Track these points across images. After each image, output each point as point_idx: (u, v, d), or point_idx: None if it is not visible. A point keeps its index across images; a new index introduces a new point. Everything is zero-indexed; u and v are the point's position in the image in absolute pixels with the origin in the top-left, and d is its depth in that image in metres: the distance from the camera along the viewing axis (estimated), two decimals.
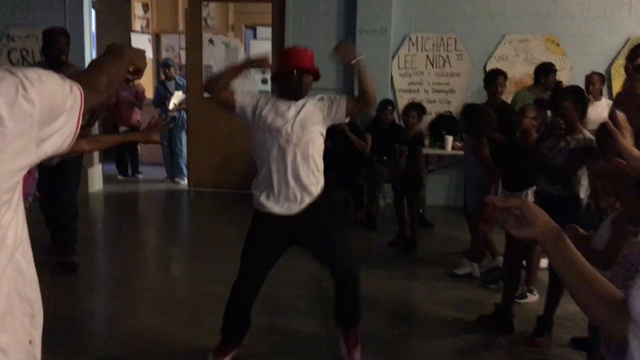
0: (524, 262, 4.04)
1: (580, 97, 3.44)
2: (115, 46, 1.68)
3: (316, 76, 3.05)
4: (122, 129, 7.83)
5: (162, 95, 7.85)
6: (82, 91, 1.35)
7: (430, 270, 4.80)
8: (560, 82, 5.02)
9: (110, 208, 7.02)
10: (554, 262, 1.26)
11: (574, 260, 1.25)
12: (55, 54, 4.40)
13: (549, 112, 4.24)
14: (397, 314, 4.08)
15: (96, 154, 7.42)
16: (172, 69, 7.95)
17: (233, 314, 3.13)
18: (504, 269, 3.83)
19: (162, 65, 8.21)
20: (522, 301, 4.00)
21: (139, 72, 1.74)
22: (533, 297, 4.09)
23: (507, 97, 5.91)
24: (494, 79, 5.25)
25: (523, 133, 3.93)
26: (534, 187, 3.97)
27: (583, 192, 3.50)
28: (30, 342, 1.36)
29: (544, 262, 4.43)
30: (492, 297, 4.15)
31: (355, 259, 3.40)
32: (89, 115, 4.18)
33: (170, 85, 7.90)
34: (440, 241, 5.65)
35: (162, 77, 8.14)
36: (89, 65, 1.65)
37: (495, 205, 1.30)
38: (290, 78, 2.95)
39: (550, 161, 3.47)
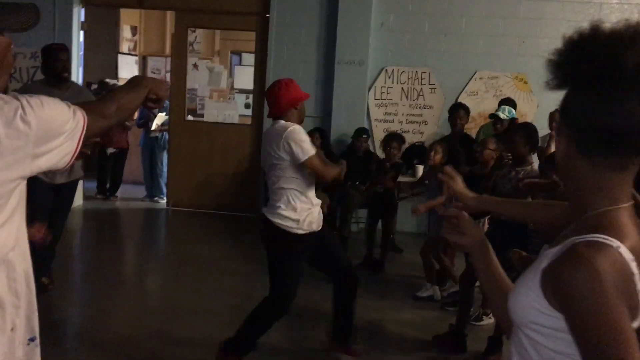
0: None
1: (530, 133, 3.73)
2: (136, 77, 1.89)
3: None
4: (110, 150, 7.99)
5: (145, 116, 8.06)
6: (85, 117, 1.58)
7: (396, 292, 5.02)
8: (515, 119, 5.37)
9: (88, 224, 7.16)
10: (478, 270, 1.41)
11: (493, 271, 1.39)
12: (58, 70, 4.28)
13: None
14: (362, 331, 4.27)
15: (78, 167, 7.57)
16: None
17: (261, 332, 3.34)
18: (459, 290, 4.05)
19: None
20: (477, 324, 4.22)
21: (160, 101, 1.88)
22: (489, 320, 4.31)
23: (474, 131, 6.23)
24: (455, 111, 5.60)
25: (482, 163, 4.20)
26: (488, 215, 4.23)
27: None
28: (12, 329, 1.55)
29: None
30: (450, 319, 4.37)
31: None
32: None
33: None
34: (407, 265, 5.87)
35: None
36: (105, 94, 1.93)
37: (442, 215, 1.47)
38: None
39: (501, 189, 3.73)
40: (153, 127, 7.94)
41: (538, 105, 6.88)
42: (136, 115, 8.48)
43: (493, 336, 3.74)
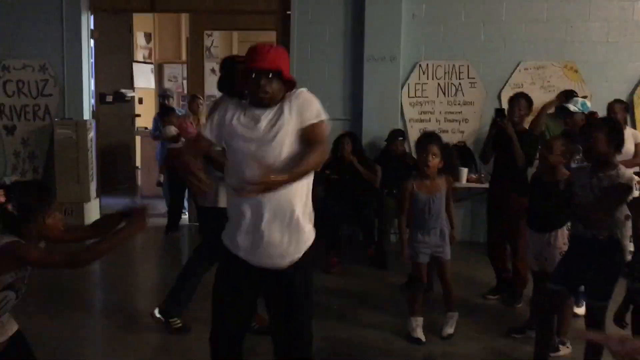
0: None
1: (615, 129, 3.10)
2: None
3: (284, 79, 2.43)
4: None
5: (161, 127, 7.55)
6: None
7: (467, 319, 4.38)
8: (594, 112, 4.64)
9: None
10: None
11: None
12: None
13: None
14: None
15: (93, 187, 7.12)
16: (170, 100, 7.68)
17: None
18: (536, 319, 3.43)
19: (161, 96, 7.95)
20: (554, 355, 3.59)
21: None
22: (566, 350, 3.69)
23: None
24: (515, 101, 4.82)
25: (550, 168, 3.58)
26: (564, 228, 3.61)
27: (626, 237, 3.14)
28: None
29: (580, 310, 4.05)
30: (520, 349, 3.76)
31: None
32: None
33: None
34: (458, 282, 5.23)
35: (161, 108, 7.85)
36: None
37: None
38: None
39: (583, 201, 3.10)
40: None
41: (591, 96, 6.21)
42: (150, 126, 8.00)
43: None
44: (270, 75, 2.37)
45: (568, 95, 5.47)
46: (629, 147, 4.79)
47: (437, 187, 3.91)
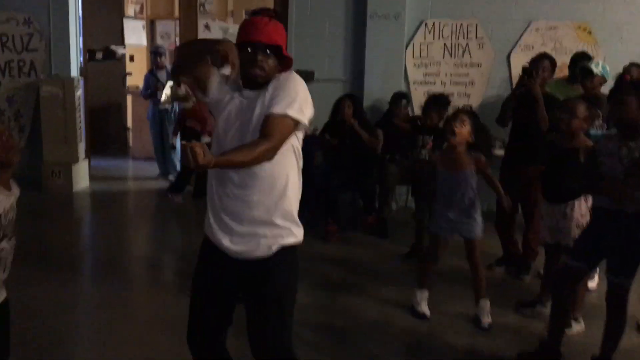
0: None
1: None
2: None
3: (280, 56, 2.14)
4: (205, 139, 6.13)
5: (153, 86, 7.22)
6: None
7: (455, 290, 4.18)
8: (625, 74, 4.31)
9: (96, 209, 6.42)
10: None
11: None
12: None
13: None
14: (413, 344, 3.49)
15: (82, 148, 6.82)
16: (163, 58, 7.32)
17: None
18: (551, 296, 3.21)
19: (153, 53, 7.57)
20: (567, 331, 3.39)
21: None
22: (578, 327, 3.49)
23: None
24: (538, 62, 4.51)
25: (569, 134, 3.31)
26: (581, 198, 3.37)
27: None
28: None
29: (592, 284, 3.85)
30: (530, 325, 3.57)
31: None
32: None
33: (162, 74, 7.27)
34: (463, 252, 5.02)
35: (153, 66, 7.50)
36: None
37: None
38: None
39: (608, 171, 2.84)
40: (162, 99, 7.11)
41: (605, 58, 5.90)
42: (142, 85, 7.68)
43: (599, 357, 2.94)
44: (267, 51, 2.08)
45: (578, 58, 5.16)
46: None
47: (462, 164, 3.49)
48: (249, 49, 2.07)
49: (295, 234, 2.17)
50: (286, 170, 2.12)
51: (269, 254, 2.12)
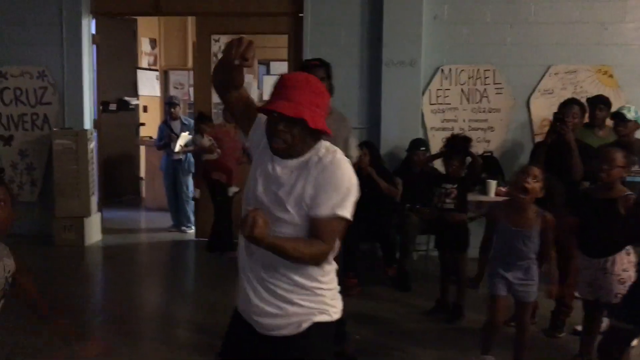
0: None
1: None
2: None
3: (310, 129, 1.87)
4: (233, 190, 6.16)
5: (166, 136, 7.16)
6: None
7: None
8: None
9: (108, 263, 6.26)
10: None
11: None
12: None
13: None
14: None
15: (94, 201, 6.71)
16: (177, 108, 7.28)
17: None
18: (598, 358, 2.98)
19: (167, 104, 7.54)
20: None
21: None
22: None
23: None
24: (567, 107, 4.35)
25: (607, 184, 3.14)
26: (622, 252, 3.17)
27: None
28: None
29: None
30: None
31: None
32: None
33: (175, 125, 7.22)
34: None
35: (167, 116, 7.46)
36: None
37: None
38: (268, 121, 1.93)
39: None
40: (176, 149, 7.03)
41: (627, 103, 5.76)
42: (155, 135, 7.62)
43: None
44: (292, 122, 1.83)
45: (596, 101, 5.03)
46: None
47: (528, 222, 3.22)
48: (274, 114, 1.85)
49: (328, 312, 1.97)
50: None
51: (298, 332, 1.92)
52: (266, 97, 9.22)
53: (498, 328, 3.41)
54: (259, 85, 9.79)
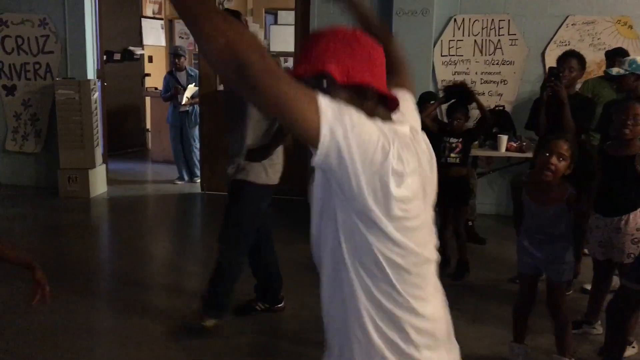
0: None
1: None
2: None
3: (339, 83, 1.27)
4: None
5: (173, 88, 7.02)
6: None
7: (491, 307, 3.89)
8: None
9: (113, 215, 6.23)
10: None
11: None
12: None
13: None
14: None
15: (99, 153, 6.64)
16: (182, 59, 7.10)
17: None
18: (607, 319, 2.90)
19: (172, 54, 7.37)
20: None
21: None
22: (632, 350, 3.19)
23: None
24: (564, 60, 4.19)
25: (625, 141, 3.00)
26: (637, 211, 3.07)
27: None
28: None
29: None
30: (578, 347, 3.27)
31: None
32: None
33: (181, 76, 7.06)
34: (496, 263, 4.74)
35: (172, 67, 7.30)
36: None
37: None
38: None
39: None
40: (183, 101, 6.91)
41: None
42: (161, 87, 7.48)
43: None
44: (318, 85, 1.24)
45: (613, 54, 4.83)
46: None
47: (554, 200, 2.85)
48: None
49: None
50: None
51: None
52: (274, 47, 9.03)
53: (528, 309, 3.09)
54: (266, 35, 9.56)
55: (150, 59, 9.39)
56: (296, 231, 4.25)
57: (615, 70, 4.06)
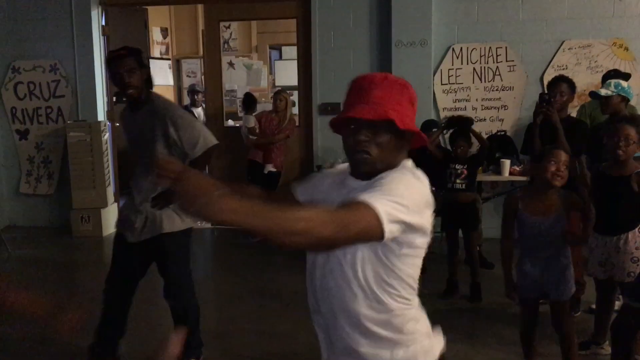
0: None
1: None
2: None
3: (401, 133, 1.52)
4: (269, 168, 6.25)
5: None
6: None
7: (503, 331, 3.91)
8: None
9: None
10: None
11: None
12: (119, 88, 3.08)
13: None
14: None
15: (110, 192, 6.78)
16: (200, 95, 7.33)
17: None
18: (612, 338, 2.94)
19: (190, 92, 7.63)
20: None
21: None
22: None
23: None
24: (554, 85, 4.30)
25: (620, 161, 3.07)
26: (636, 230, 3.12)
27: None
28: None
29: None
30: None
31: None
32: None
33: (198, 112, 7.27)
34: (497, 284, 4.73)
35: (189, 103, 7.53)
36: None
37: None
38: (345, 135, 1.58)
39: None
40: None
41: None
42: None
43: None
44: (375, 127, 1.49)
45: (610, 77, 4.91)
46: None
47: (551, 208, 2.91)
48: (352, 126, 1.52)
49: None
50: None
51: None
52: (279, 82, 9.22)
53: (534, 333, 3.10)
54: (271, 71, 9.77)
55: None
56: None
57: (603, 92, 4.15)
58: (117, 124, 7.26)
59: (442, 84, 6.09)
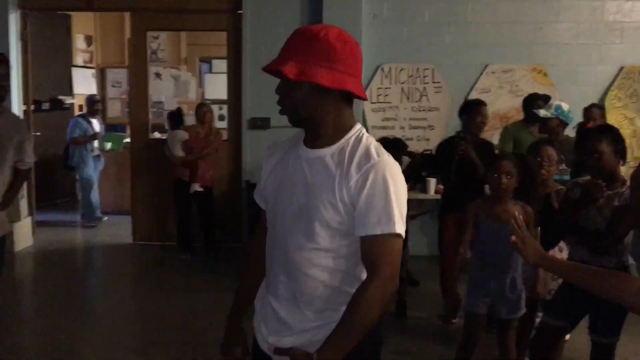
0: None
1: (619, 138, 2.71)
2: None
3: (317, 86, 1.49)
4: (195, 188, 5.96)
5: (85, 130, 7.24)
6: None
7: (428, 347, 3.94)
8: (587, 123, 4.25)
9: (38, 268, 5.99)
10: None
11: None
12: None
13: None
14: None
15: (24, 205, 6.41)
16: (98, 105, 7.44)
17: None
18: (530, 354, 3.00)
19: (90, 101, 7.51)
20: None
21: None
22: None
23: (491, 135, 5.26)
24: (478, 109, 4.45)
25: (542, 180, 3.17)
26: (555, 249, 3.22)
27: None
28: None
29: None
30: None
31: None
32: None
33: (94, 122, 7.23)
34: (431, 303, 4.82)
35: (85, 110, 7.56)
36: None
37: None
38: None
39: (589, 223, 2.69)
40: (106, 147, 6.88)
41: (561, 101, 5.90)
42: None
43: None
44: (287, 80, 1.50)
45: (530, 100, 5.13)
46: None
47: (510, 216, 3.00)
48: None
49: None
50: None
51: None
52: (208, 95, 9.05)
53: (473, 350, 3.09)
54: (201, 84, 9.59)
55: (81, 108, 9.21)
56: None
57: (542, 113, 4.32)
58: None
59: (371, 103, 6.15)
